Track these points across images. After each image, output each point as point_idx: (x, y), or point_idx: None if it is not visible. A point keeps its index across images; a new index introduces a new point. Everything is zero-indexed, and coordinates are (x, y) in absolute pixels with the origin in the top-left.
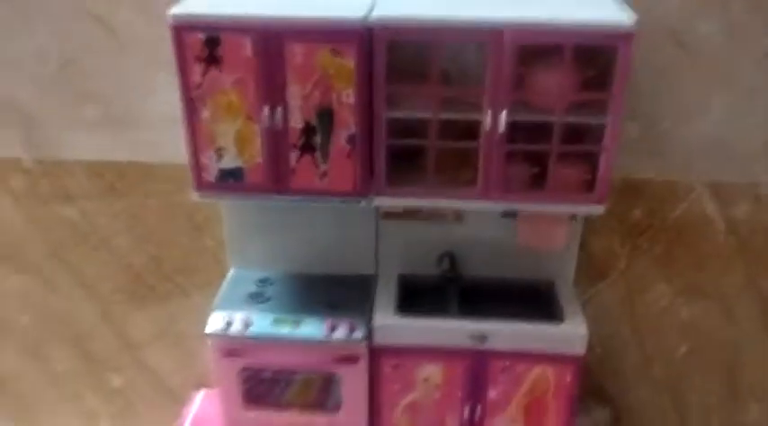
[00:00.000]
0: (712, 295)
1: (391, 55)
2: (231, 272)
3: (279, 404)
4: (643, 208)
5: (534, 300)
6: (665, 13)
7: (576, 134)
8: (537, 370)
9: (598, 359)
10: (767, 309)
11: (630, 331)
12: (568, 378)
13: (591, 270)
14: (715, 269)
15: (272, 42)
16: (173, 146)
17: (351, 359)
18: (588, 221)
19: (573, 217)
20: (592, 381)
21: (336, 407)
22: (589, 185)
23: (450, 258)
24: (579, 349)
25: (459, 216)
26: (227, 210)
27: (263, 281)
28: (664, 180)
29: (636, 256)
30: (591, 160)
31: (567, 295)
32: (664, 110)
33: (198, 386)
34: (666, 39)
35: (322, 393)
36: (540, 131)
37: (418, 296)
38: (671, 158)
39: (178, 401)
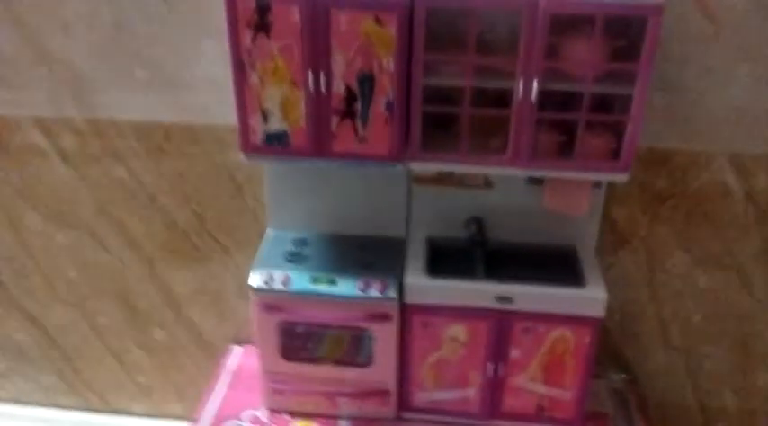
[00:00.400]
0: (730, 264)
1: (430, 24)
2: (269, 232)
3: (313, 359)
4: (666, 178)
5: (557, 265)
6: None
7: (604, 103)
8: (557, 331)
9: (617, 324)
10: None
11: (649, 297)
12: (587, 340)
13: (613, 237)
14: (733, 238)
15: (319, 10)
16: (216, 109)
17: (383, 317)
18: (611, 189)
19: (596, 184)
20: (610, 346)
21: (368, 362)
22: (615, 154)
23: (478, 222)
24: (598, 312)
25: (488, 182)
26: (269, 173)
27: (300, 241)
28: (687, 149)
29: (657, 225)
30: (618, 129)
31: (588, 260)
32: (690, 81)
33: (236, 341)
34: (694, 9)
35: (352, 348)
36: (569, 100)
37: (447, 258)
38: (695, 128)
39: (217, 355)
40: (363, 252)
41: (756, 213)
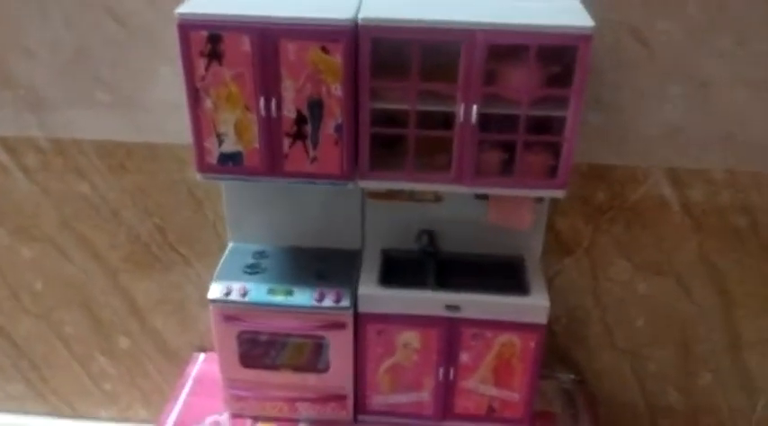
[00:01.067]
0: (668, 271)
1: (375, 52)
2: (230, 245)
3: (273, 366)
4: (606, 191)
5: (504, 274)
6: (626, 11)
7: (543, 124)
8: (504, 337)
9: (564, 328)
10: (719, 285)
11: (594, 303)
12: (532, 345)
13: (558, 247)
14: (671, 247)
15: (268, 40)
16: (174, 130)
17: (338, 325)
18: (555, 202)
19: (539, 199)
20: (558, 348)
21: (325, 368)
22: (553, 171)
23: (429, 235)
24: (541, 319)
25: (438, 197)
26: (227, 189)
27: (259, 254)
28: (625, 165)
29: (599, 235)
30: (555, 148)
31: (533, 269)
32: (625, 101)
33: (199, 349)
34: (628, 35)
35: (313, 355)
36: (510, 122)
37: (400, 269)
38: (631, 145)
39: (180, 362)
40: (320, 264)
41: (692, 223)
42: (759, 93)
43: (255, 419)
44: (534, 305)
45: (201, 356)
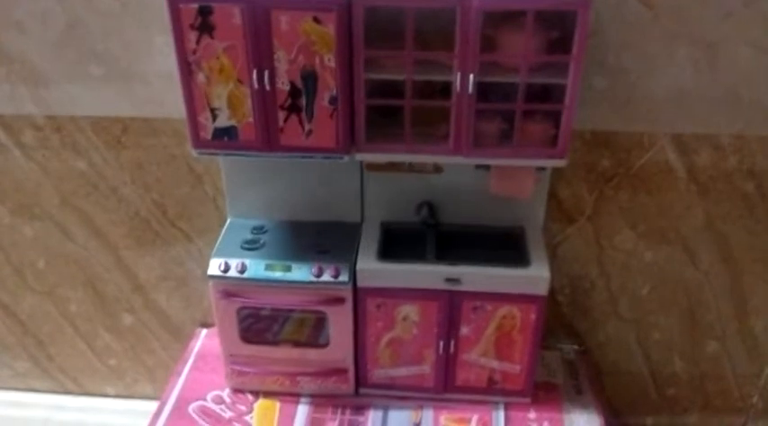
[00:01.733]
0: (674, 238)
1: (369, 21)
2: (229, 221)
3: (273, 341)
4: (610, 158)
5: (506, 245)
6: None
7: (544, 92)
8: (505, 309)
9: (568, 298)
10: (725, 252)
11: (598, 272)
12: (533, 316)
13: (561, 216)
14: (676, 214)
15: (259, 11)
16: (172, 103)
17: (337, 300)
18: (558, 171)
19: (540, 168)
20: (562, 319)
21: (326, 343)
22: (554, 140)
23: (429, 206)
24: (542, 290)
25: (437, 167)
26: (225, 164)
27: (258, 229)
28: (629, 131)
29: (603, 203)
30: (555, 117)
31: (535, 240)
32: (630, 65)
33: (202, 324)
34: None
35: (315, 330)
36: (510, 90)
37: (400, 241)
38: (636, 110)
39: (184, 337)
40: (320, 238)
41: (698, 189)
42: (766, 55)
43: (257, 394)
44: (535, 276)
45: (204, 331)
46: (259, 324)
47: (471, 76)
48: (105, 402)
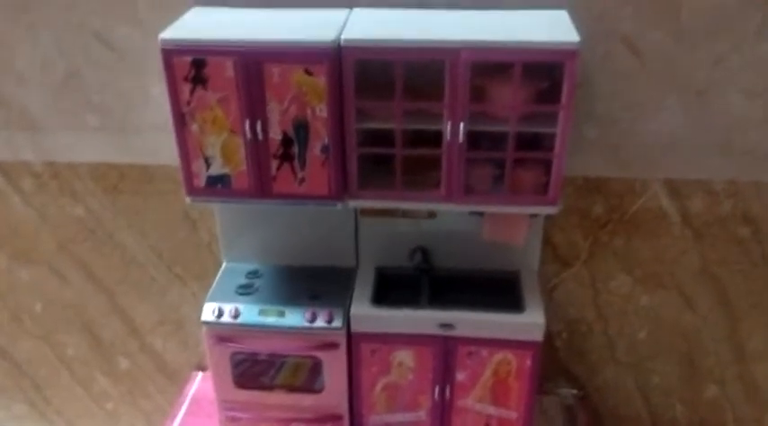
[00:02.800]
0: (670, 283)
1: (359, 72)
2: (224, 265)
3: (267, 386)
4: (603, 204)
5: (500, 290)
6: (617, 21)
7: (534, 140)
8: (500, 355)
9: (565, 342)
10: (721, 296)
11: (595, 316)
12: (529, 362)
13: (556, 261)
14: (672, 259)
15: (252, 64)
16: (168, 151)
17: (331, 346)
18: (551, 217)
19: (534, 214)
20: (559, 363)
21: (320, 388)
22: (545, 187)
23: (423, 251)
24: (537, 336)
25: (431, 213)
26: (219, 210)
27: (253, 274)
28: (622, 177)
29: (598, 248)
30: (546, 164)
31: (530, 285)
32: (620, 113)
33: (198, 368)
34: (620, 45)
35: (311, 375)
36: (500, 138)
37: (394, 286)
38: (628, 157)
39: (180, 381)
40: (314, 283)
41: (693, 234)
42: (757, 100)
43: None
44: (529, 322)
45: (200, 375)
46: (254, 369)
47: (461, 125)
48: None
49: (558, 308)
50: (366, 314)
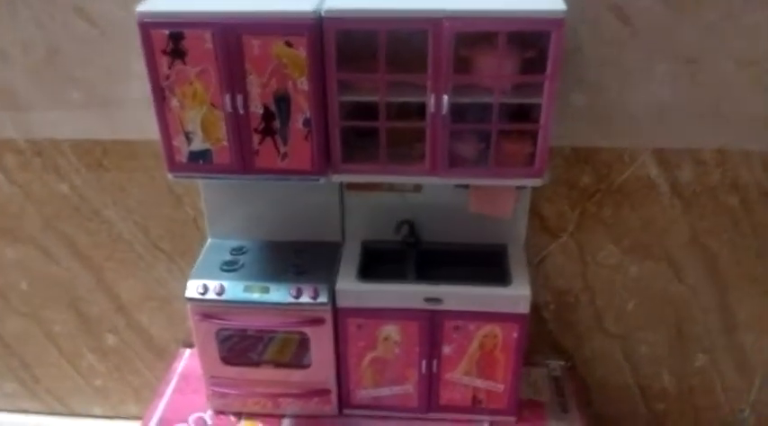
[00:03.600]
0: (659, 253)
1: (341, 43)
2: (209, 242)
3: (255, 362)
4: (591, 175)
5: (487, 263)
6: None
7: (519, 111)
8: (486, 328)
9: (553, 314)
10: (710, 266)
11: (583, 287)
12: (515, 335)
13: (544, 233)
14: (661, 229)
15: (231, 36)
16: (151, 126)
17: (317, 321)
18: (539, 188)
19: (520, 186)
20: (548, 335)
21: (308, 363)
22: (531, 159)
23: (410, 225)
24: (523, 308)
25: (418, 186)
26: (204, 185)
27: (238, 250)
28: (610, 147)
29: (586, 219)
30: (532, 135)
31: (517, 258)
32: (609, 81)
33: (185, 344)
34: (608, 12)
35: (299, 351)
36: (486, 109)
37: (381, 261)
38: (617, 126)
39: (167, 358)
40: (300, 258)
41: (682, 204)
42: (748, 68)
43: (239, 415)
44: (515, 295)
45: (187, 351)
46: (241, 345)
47: (445, 98)
48: (92, 422)
49: (545, 280)
50: (352, 289)
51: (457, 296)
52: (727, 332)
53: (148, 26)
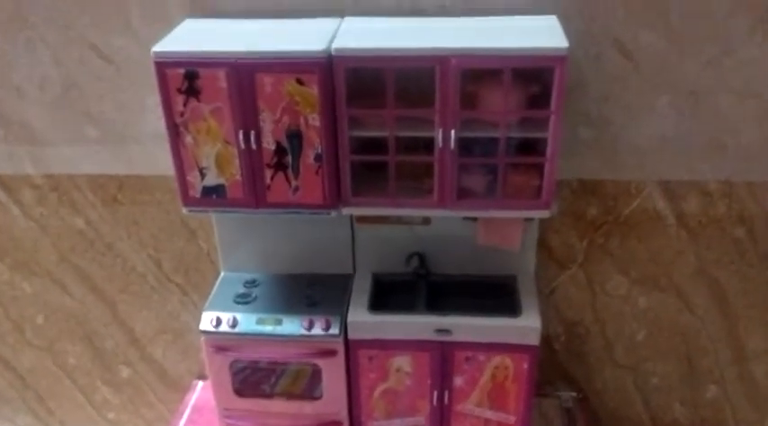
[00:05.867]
0: (667, 284)
1: (351, 80)
2: (222, 275)
3: (267, 394)
4: (598, 206)
5: (497, 294)
6: (608, 24)
7: (526, 144)
8: (497, 359)
9: (563, 345)
10: (718, 297)
11: (593, 318)
12: (525, 366)
13: (553, 264)
14: (668, 260)
15: (244, 74)
16: (165, 161)
17: (328, 353)
18: (546, 220)
19: (528, 218)
20: (558, 366)
21: (319, 395)
22: (538, 191)
23: (419, 257)
24: (534, 340)
25: (426, 219)
26: (217, 220)
27: (251, 283)
28: (616, 179)
29: (593, 250)
30: (539, 168)
31: (526, 289)
32: (613, 115)
33: (198, 376)
34: (611, 48)
35: (311, 382)
36: (493, 143)
37: (391, 292)
38: (622, 159)
39: (180, 390)
40: (311, 290)
41: (689, 235)
42: (748, 101)
43: None
44: (525, 326)
45: (200, 383)
46: (254, 377)
47: (453, 132)
48: None
49: (555, 311)
50: (363, 320)
51: (467, 327)
52: (737, 363)
53: (164, 65)
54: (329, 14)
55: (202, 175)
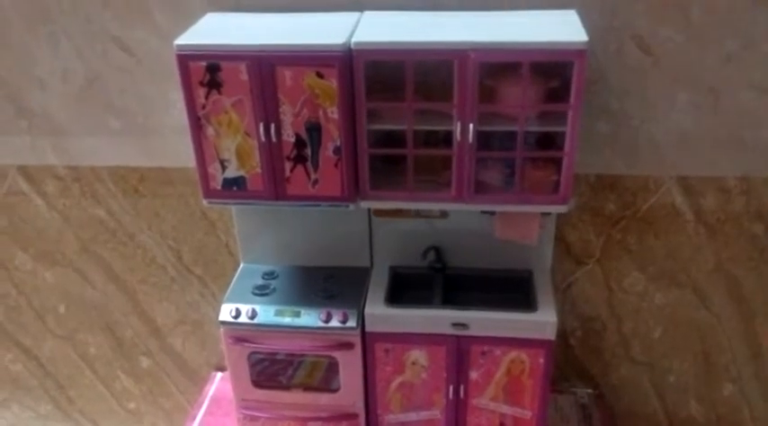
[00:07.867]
0: (684, 281)
1: (370, 73)
2: (241, 266)
3: (284, 385)
4: (616, 202)
5: (513, 289)
6: (628, 18)
7: (544, 138)
8: (513, 354)
9: (579, 340)
10: (736, 294)
11: (609, 314)
12: (541, 360)
13: (570, 259)
14: (686, 257)
15: (265, 68)
16: (187, 154)
17: (346, 345)
18: (565, 215)
19: (546, 213)
20: (574, 362)
21: (336, 387)
22: (556, 186)
23: (437, 251)
24: (550, 334)
25: (444, 212)
26: (237, 212)
27: (269, 274)
28: (635, 174)
29: (611, 246)
30: (557, 163)
31: (542, 284)
32: (632, 110)
33: (217, 368)
34: (631, 43)
35: (328, 374)
36: (511, 137)
37: (408, 286)
38: (641, 154)
39: (199, 381)
40: (329, 283)
41: (707, 232)
42: (767, 96)
43: None
44: (542, 321)
45: (219, 375)
46: (272, 369)
47: (471, 126)
48: None
49: (572, 307)
50: (380, 313)
51: (483, 321)
52: (754, 360)
53: (186, 59)
54: (349, 9)
55: (223, 167)
